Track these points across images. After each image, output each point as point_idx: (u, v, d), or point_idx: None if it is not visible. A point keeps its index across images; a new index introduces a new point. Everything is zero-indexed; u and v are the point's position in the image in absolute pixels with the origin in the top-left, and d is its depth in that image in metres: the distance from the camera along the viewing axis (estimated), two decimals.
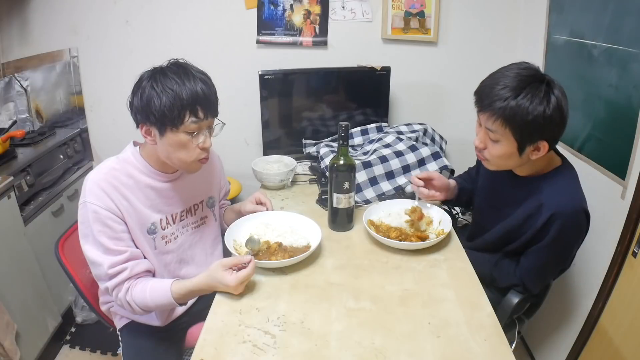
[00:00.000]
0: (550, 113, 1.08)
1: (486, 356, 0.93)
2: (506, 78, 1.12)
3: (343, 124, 1.31)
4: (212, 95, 1.11)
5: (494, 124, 1.13)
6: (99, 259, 1.09)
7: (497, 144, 1.17)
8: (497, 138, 1.15)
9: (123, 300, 1.12)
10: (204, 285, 1.11)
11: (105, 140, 2.27)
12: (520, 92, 1.08)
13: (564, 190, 1.18)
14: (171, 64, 1.11)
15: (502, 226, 1.31)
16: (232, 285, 1.07)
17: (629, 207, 1.28)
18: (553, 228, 1.15)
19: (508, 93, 1.09)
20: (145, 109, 1.07)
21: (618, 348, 1.31)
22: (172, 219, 1.25)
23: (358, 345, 0.96)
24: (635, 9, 1.26)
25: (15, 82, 2.16)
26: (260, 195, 1.42)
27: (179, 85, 1.05)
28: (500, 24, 2.05)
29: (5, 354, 1.52)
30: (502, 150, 1.17)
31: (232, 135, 2.19)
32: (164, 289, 1.12)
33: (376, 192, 1.61)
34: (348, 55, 2.07)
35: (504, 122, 1.11)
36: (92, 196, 1.09)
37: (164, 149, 1.12)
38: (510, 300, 1.29)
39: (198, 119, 1.08)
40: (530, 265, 1.25)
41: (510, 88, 1.10)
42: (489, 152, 1.20)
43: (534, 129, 1.09)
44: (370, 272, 1.22)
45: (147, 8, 2.06)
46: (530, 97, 1.08)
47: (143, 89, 1.07)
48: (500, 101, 1.10)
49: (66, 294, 2.03)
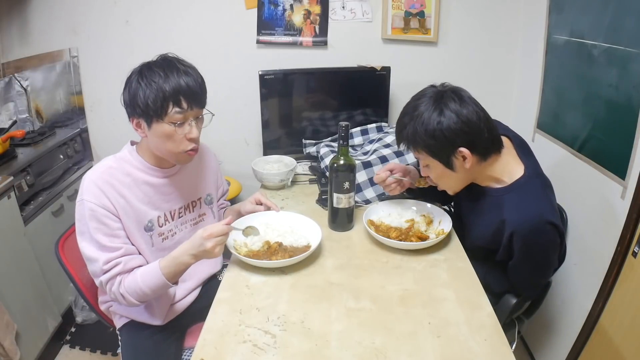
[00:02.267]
0: (448, 122, 1.12)
1: (486, 356, 0.93)
2: (407, 107, 1.21)
3: (343, 124, 1.31)
4: (196, 86, 1.13)
5: (414, 152, 1.22)
6: (95, 255, 1.10)
7: (429, 168, 1.23)
8: (425, 163, 1.23)
9: (117, 292, 1.12)
10: (184, 250, 1.12)
11: (105, 140, 2.28)
12: (413, 116, 1.17)
13: (523, 205, 1.15)
14: (158, 59, 1.14)
15: (474, 238, 1.32)
16: (207, 245, 1.09)
17: (629, 207, 1.28)
18: (517, 246, 1.16)
19: (406, 120, 1.19)
20: (132, 102, 1.11)
21: (618, 348, 1.31)
22: (170, 216, 1.26)
23: (358, 345, 0.96)
24: (635, 9, 1.26)
25: (15, 82, 2.16)
26: (260, 196, 1.42)
27: (162, 79, 1.08)
28: (500, 24, 2.05)
29: (5, 354, 1.52)
30: (436, 171, 1.22)
31: (232, 135, 2.21)
32: (153, 268, 1.13)
33: (376, 192, 1.61)
34: (348, 55, 2.07)
35: (414, 147, 1.19)
36: (89, 194, 1.10)
37: (153, 140, 1.15)
38: (508, 300, 1.29)
39: (182, 109, 1.11)
40: (515, 279, 1.27)
41: (407, 115, 1.19)
42: (432, 178, 1.27)
43: (441, 142, 1.14)
44: (371, 272, 1.22)
45: (147, 8, 2.06)
46: (422, 116, 1.14)
47: (131, 83, 1.12)
48: (403, 131, 1.19)
49: (66, 294, 2.03)
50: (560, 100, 1.72)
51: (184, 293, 1.32)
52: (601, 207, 1.45)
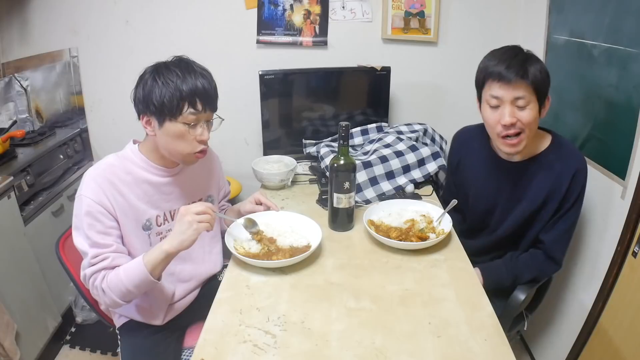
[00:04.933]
0: (546, 70, 1.25)
1: (486, 356, 0.93)
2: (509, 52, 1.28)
3: (343, 124, 1.31)
4: (212, 90, 1.15)
5: (525, 90, 1.22)
6: (85, 250, 1.11)
7: (526, 110, 1.24)
8: (526, 103, 1.23)
9: (99, 287, 1.10)
10: (169, 237, 1.11)
11: (105, 140, 2.28)
12: (529, 55, 1.26)
13: (570, 150, 1.33)
14: (174, 59, 1.15)
15: (520, 212, 1.38)
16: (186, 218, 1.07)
17: (629, 207, 1.28)
18: (579, 185, 1.29)
19: (524, 55, 1.25)
20: (147, 99, 1.11)
21: (618, 348, 1.31)
22: (169, 216, 1.26)
23: (358, 345, 0.96)
24: (635, 9, 1.26)
25: (15, 82, 2.16)
26: (260, 196, 1.42)
27: (180, 79, 1.09)
28: (500, 24, 2.05)
29: (5, 354, 1.52)
30: (532, 113, 1.24)
31: (232, 135, 2.21)
32: (136, 261, 1.10)
33: (376, 192, 1.61)
34: (348, 55, 2.07)
35: (531, 84, 1.21)
36: (88, 190, 1.11)
37: (163, 139, 1.15)
38: (517, 297, 1.35)
39: (196, 111, 1.12)
40: (559, 233, 1.34)
41: (520, 52, 1.26)
42: (521, 123, 1.25)
43: (547, 84, 1.24)
44: (371, 272, 1.22)
45: (147, 8, 2.06)
46: (534, 61, 1.24)
47: (145, 81, 1.12)
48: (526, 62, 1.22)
49: (66, 294, 2.03)
50: (560, 100, 1.72)
51: (183, 293, 1.31)
52: (601, 207, 1.45)
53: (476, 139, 1.48)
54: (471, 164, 1.50)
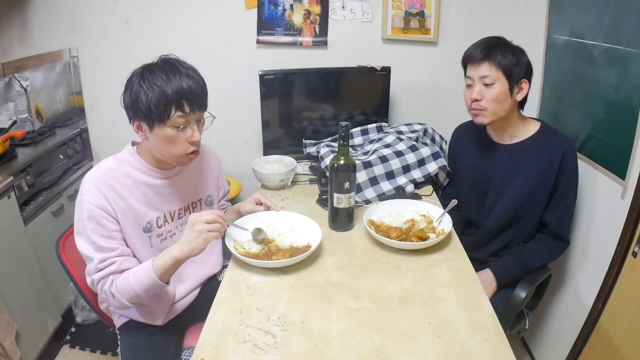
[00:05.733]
0: (524, 58, 1.38)
1: (486, 356, 0.93)
2: (486, 39, 1.42)
3: (343, 124, 1.31)
4: (199, 89, 1.12)
5: (489, 69, 1.37)
6: (91, 255, 1.11)
7: (492, 87, 1.38)
8: (492, 81, 1.37)
9: (107, 292, 1.11)
10: (175, 244, 1.11)
11: (105, 140, 2.28)
12: (501, 38, 1.41)
13: (558, 135, 1.42)
14: (160, 61, 1.13)
15: (513, 194, 1.45)
16: (196, 227, 1.08)
17: (629, 207, 1.28)
18: (569, 166, 1.38)
19: (494, 39, 1.40)
20: (134, 105, 1.10)
21: (618, 348, 1.31)
22: (170, 217, 1.26)
23: (358, 345, 0.96)
24: (635, 9, 1.26)
25: (15, 82, 2.16)
26: (260, 196, 1.42)
27: (165, 82, 1.07)
28: (500, 24, 2.05)
29: (5, 354, 1.52)
30: (496, 92, 1.37)
31: (232, 135, 2.21)
32: (145, 266, 1.11)
33: (376, 192, 1.61)
34: (348, 55, 2.07)
35: (497, 59, 1.36)
36: (88, 195, 1.11)
37: (155, 143, 1.14)
38: (518, 295, 1.38)
39: (184, 113, 1.10)
40: (563, 211, 1.42)
41: (492, 37, 1.41)
42: (485, 100, 1.39)
43: (519, 65, 1.36)
44: (371, 272, 1.22)
45: (147, 8, 2.06)
46: (506, 47, 1.38)
47: (132, 85, 1.10)
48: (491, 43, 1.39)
49: (66, 294, 2.03)
50: (560, 100, 1.72)
51: (183, 293, 1.32)
52: (601, 207, 1.45)
53: (472, 130, 1.62)
54: (467, 151, 1.63)
